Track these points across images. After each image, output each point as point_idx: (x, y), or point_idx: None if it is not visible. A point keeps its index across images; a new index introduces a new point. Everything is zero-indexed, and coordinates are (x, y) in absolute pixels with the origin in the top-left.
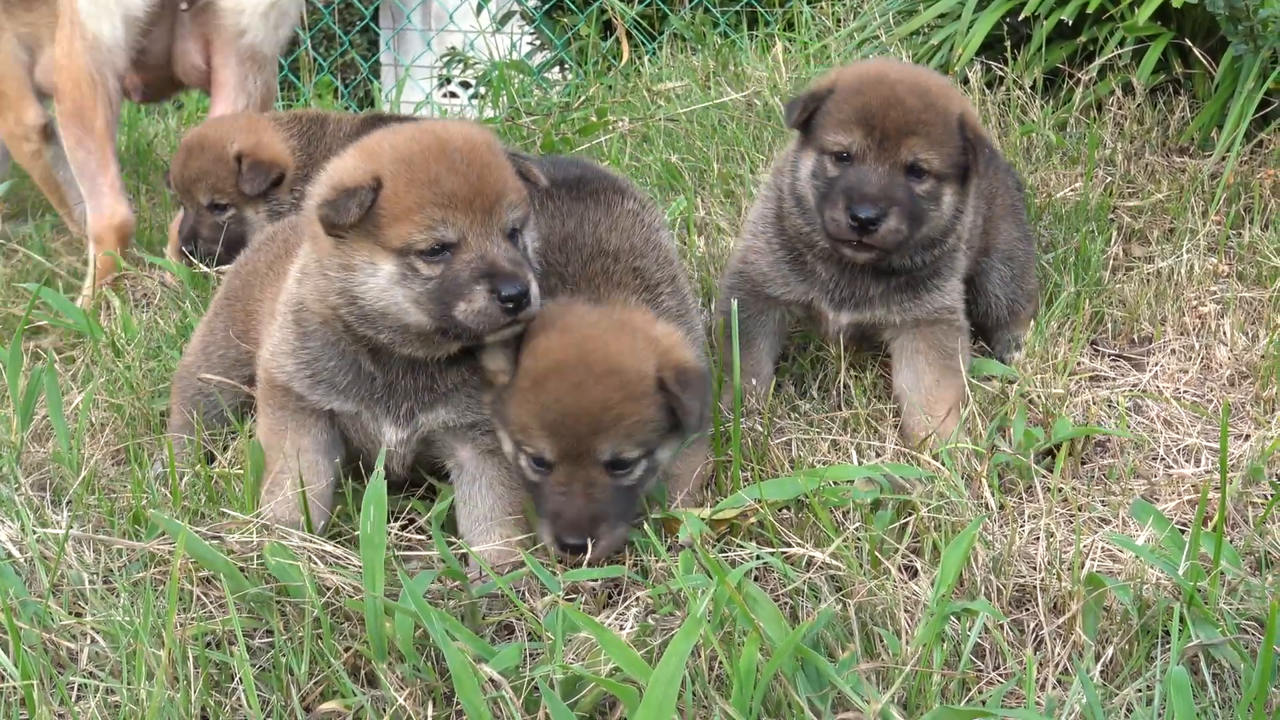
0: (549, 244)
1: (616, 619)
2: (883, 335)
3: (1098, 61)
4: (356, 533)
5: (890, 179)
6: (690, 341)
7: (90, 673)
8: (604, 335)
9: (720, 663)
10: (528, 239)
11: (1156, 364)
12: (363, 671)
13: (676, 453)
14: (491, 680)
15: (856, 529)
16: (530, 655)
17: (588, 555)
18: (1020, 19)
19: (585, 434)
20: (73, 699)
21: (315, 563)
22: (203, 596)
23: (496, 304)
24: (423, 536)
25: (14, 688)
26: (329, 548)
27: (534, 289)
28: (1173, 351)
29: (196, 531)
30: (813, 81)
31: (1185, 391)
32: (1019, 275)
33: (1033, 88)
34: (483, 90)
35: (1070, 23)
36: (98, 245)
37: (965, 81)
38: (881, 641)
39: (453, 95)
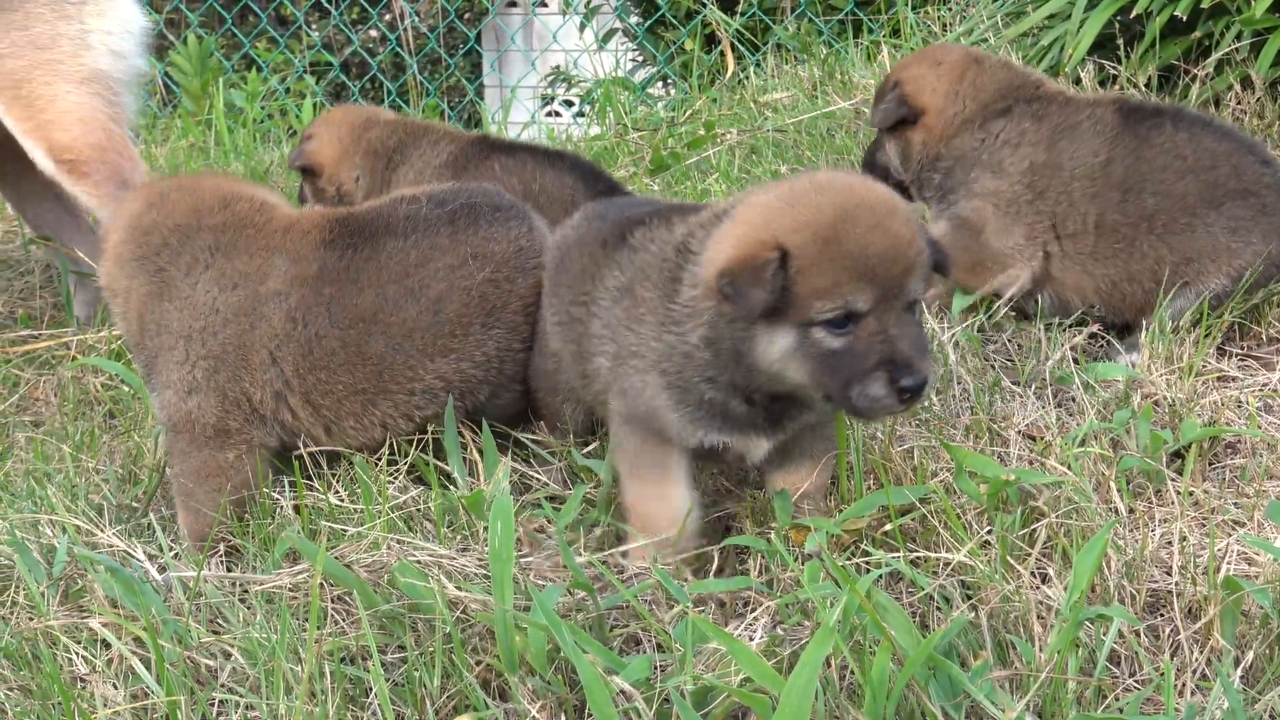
0: None
1: (745, 630)
2: None
3: (1214, 56)
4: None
5: None
6: None
7: (230, 689)
8: (862, 184)
9: (851, 672)
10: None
11: None
12: (494, 684)
13: None
14: (622, 692)
15: (987, 532)
16: (659, 667)
17: (925, 389)
18: (1132, 16)
19: (900, 272)
20: (214, 715)
21: (444, 581)
22: (335, 614)
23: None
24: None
25: (158, 705)
26: (461, 561)
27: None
28: None
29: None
30: None
31: None
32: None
33: (1147, 85)
34: (587, 108)
35: (1184, 18)
36: None
37: (1078, 81)
38: (1014, 649)
39: (556, 114)
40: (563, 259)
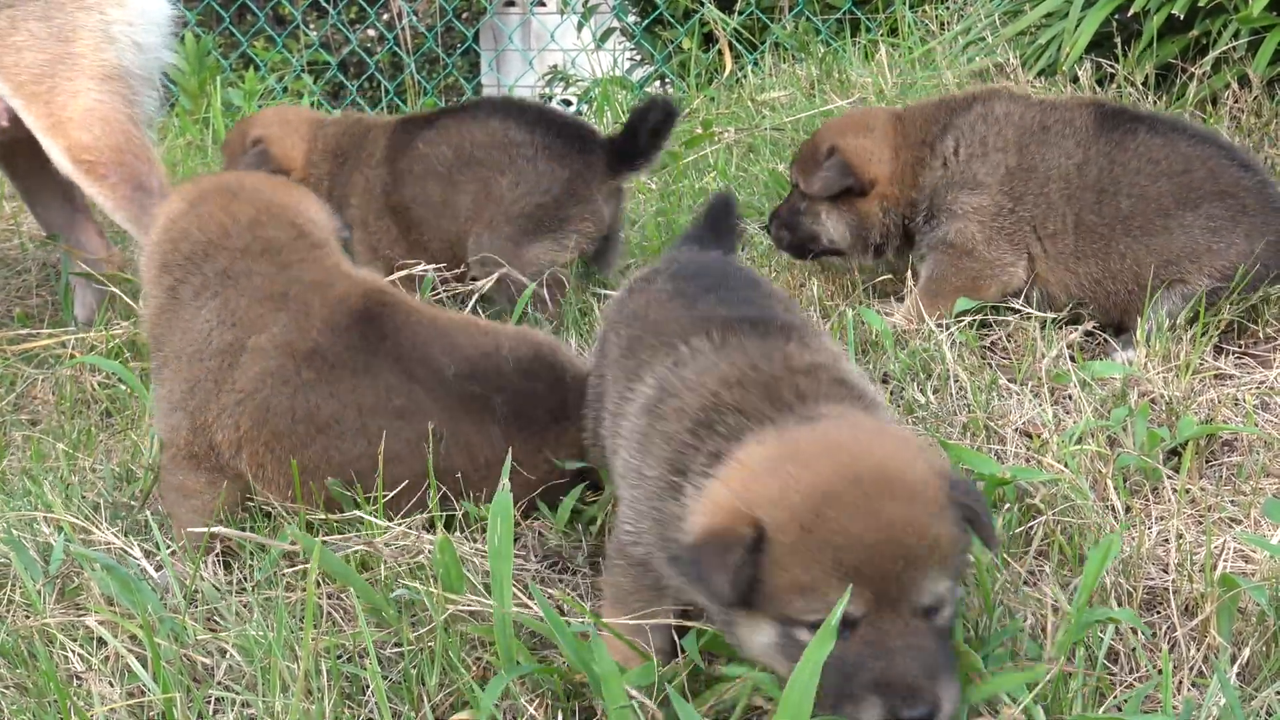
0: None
1: None
2: None
3: (1211, 55)
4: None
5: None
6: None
7: (226, 686)
8: (871, 447)
9: None
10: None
11: None
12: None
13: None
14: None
15: None
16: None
17: None
18: (1129, 14)
19: (901, 570)
20: (210, 712)
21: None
22: (332, 610)
23: None
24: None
25: (154, 702)
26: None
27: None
28: None
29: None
30: None
31: None
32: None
33: (1144, 84)
34: (585, 108)
35: (1181, 16)
36: None
37: (1075, 80)
38: (1020, 644)
39: None
40: (640, 340)
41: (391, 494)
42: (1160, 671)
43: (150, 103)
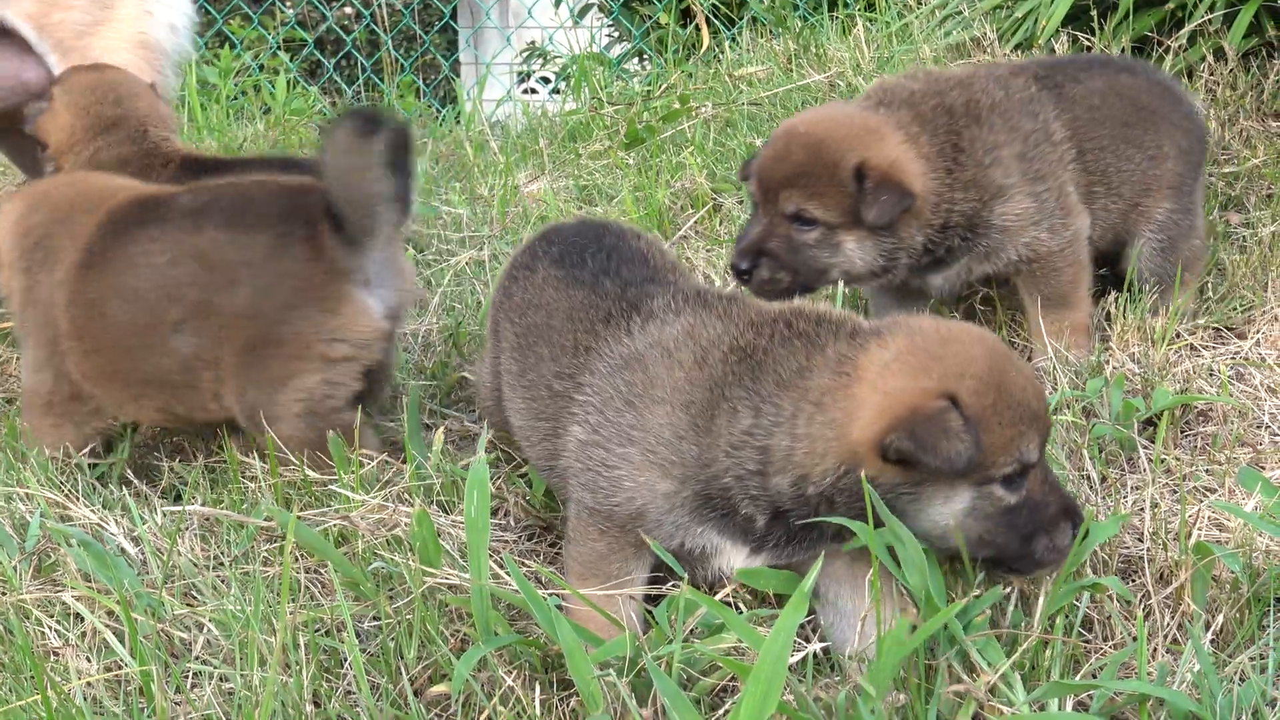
0: None
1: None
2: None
3: (1187, 28)
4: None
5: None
6: None
7: (204, 660)
8: (967, 325)
9: None
10: None
11: (1258, 331)
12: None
13: None
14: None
15: None
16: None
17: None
18: None
19: (1048, 412)
20: (188, 686)
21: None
22: (310, 584)
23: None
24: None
25: (131, 676)
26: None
27: None
28: (1275, 318)
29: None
30: None
31: None
32: (1168, 248)
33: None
34: (563, 84)
35: None
36: None
37: (1052, 54)
38: (1003, 611)
39: (532, 91)
40: (545, 327)
41: None
42: (1135, 638)
43: (173, 82)
